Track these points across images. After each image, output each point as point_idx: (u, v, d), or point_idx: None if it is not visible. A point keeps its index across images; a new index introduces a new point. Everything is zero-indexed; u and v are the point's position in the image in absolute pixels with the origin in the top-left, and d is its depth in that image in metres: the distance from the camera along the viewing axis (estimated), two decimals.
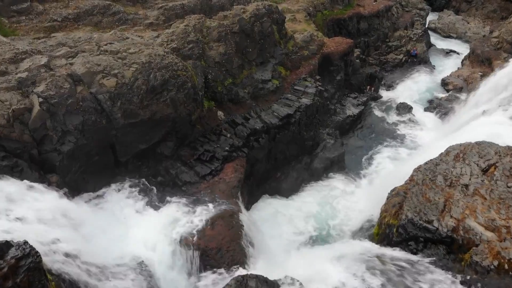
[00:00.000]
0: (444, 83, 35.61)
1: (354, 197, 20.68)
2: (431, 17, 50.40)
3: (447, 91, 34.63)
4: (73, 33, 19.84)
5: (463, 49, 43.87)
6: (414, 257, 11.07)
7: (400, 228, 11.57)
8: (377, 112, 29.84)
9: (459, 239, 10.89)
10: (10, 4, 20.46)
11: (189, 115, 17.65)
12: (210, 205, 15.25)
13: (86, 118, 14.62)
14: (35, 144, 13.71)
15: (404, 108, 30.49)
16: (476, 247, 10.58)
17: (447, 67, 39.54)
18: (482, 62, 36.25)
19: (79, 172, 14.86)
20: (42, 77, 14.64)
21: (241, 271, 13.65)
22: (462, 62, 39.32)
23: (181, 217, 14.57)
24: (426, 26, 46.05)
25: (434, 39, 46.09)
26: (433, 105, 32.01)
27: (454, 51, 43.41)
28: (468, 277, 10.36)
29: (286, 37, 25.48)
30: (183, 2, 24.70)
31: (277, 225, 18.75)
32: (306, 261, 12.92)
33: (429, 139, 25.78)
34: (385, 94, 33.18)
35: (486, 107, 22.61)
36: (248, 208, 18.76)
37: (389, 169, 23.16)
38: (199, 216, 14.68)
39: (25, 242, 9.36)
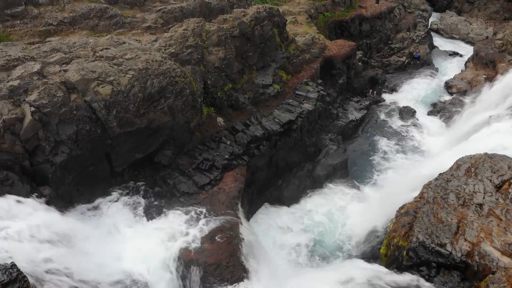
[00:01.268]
0: (448, 86, 35.08)
1: (358, 206, 20.09)
2: (433, 18, 49.86)
3: (451, 94, 34.11)
4: (68, 38, 19.32)
5: (465, 50, 43.37)
6: (427, 285, 10.39)
7: (411, 251, 10.88)
8: (380, 116, 29.27)
9: (474, 265, 10.18)
10: (4, 8, 19.89)
11: (188, 123, 17.10)
12: (209, 218, 14.72)
13: (80, 127, 14.06)
14: (26, 156, 13.15)
15: (407, 112, 29.92)
16: (493, 274, 9.83)
17: (450, 69, 39.01)
18: (486, 64, 35.70)
19: (73, 184, 14.31)
20: (35, 85, 14.07)
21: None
22: (465, 64, 38.78)
23: (179, 231, 14.02)
24: (429, 27, 45.54)
25: (436, 40, 45.55)
26: (436, 109, 31.46)
27: (457, 53, 42.88)
28: None
29: (287, 41, 24.92)
30: (182, 5, 24.14)
31: (279, 236, 18.18)
32: (311, 284, 12.29)
33: (434, 145, 25.22)
34: (388, 97, 32.61)
35: (493, 112, 22.03)
36: (248, 218, 18.20)
37: (393, 177, 22.59)
38: (198, 229, 14.13)
39: (13, 266, 8.86)
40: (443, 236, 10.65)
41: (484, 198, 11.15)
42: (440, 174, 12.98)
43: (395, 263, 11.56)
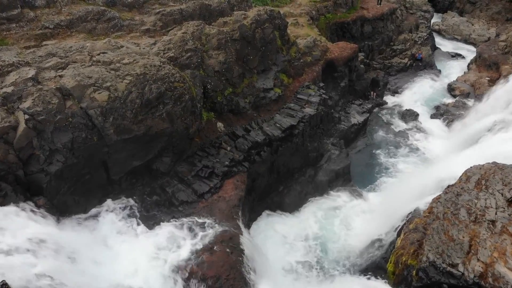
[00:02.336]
0: (451, 88, 34.68)
1: (361, 213, 19.67)
2: (434, 18, 49.42)
3: (454, 96, 33.72)
4: (65, 41, 18.88)
5: (467, 51, 43.00)
6: None
7: (421, 271, 10.37)
8: (383, 120, 28.87)
9: (487, 287, 9.62)
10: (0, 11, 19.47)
11: (187, 129, 16.70)
12: (209, 228, 14.29)
13: (76, 135, 13.63)
14: (20, 165, 12.71)
15: (410, 115, 29.53)
16: None
17: (453, 71, 38.60)
18: (489, 66, 35.29)
19: (68, 193, 13.88)
20: (29, 91, 13.65)
21: None
22: (468, 66, 38.37)
23: (177, 241, 13.59)
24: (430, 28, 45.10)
25: (438, 41, 45.13)
26: (439, 112, 31.04)
27: (460, 55, 42.50)
28: None
29: (288, 43, 24.50)
30: (181, 7, 23.68)
31: (280, 245, 17.73)
32: None
33: (438, 149, 24.81)
34: (390, 100, 32.23)
35: (498, 117, 21.60)
36: (249, 225, 17.79)
37: (396, 182, 22.16)
38: (197, 240, 13.70)
39: (3, 285, 8.46)
40: (454, 255, 10.14)
41: (496, 214, 10.67)
42: (449, 186, 12.50)
43: (403, 282, 11.08)
